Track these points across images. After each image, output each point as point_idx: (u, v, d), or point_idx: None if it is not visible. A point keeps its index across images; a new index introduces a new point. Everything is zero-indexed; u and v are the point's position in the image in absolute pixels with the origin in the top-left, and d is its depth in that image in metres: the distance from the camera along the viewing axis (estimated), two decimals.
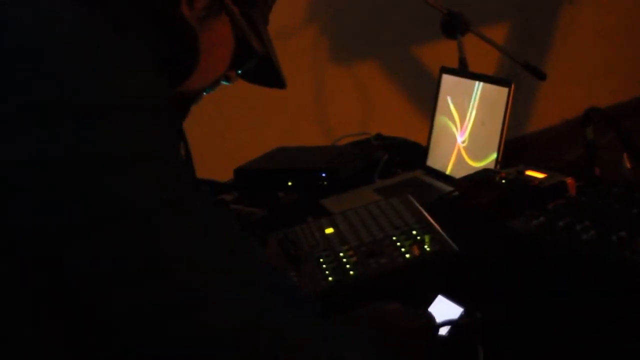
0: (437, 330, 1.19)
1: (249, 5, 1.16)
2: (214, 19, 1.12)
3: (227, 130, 3.54)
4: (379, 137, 2.59)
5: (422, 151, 2.25)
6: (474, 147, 2.01)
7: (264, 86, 1.29)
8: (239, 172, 2.35)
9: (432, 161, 2.18)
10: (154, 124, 0.93)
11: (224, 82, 1.24)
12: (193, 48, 1.08)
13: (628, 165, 1.49)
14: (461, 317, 1.20)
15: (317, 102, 3.87)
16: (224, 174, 2.39)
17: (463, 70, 2.28)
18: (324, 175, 2.21)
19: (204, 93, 1.21)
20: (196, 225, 0.96)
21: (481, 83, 2.00)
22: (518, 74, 2.61)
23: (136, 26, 1.02)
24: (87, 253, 0.90)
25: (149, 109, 0.93)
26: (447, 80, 2.17)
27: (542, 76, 2.62)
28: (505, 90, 1.89)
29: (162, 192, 0.93)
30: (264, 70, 1.25)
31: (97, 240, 0.90)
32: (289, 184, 2.22)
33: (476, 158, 1.98)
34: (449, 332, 1.19)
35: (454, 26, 2.44)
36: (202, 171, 2.19)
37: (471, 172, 1.81)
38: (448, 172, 2.09)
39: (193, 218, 0.96)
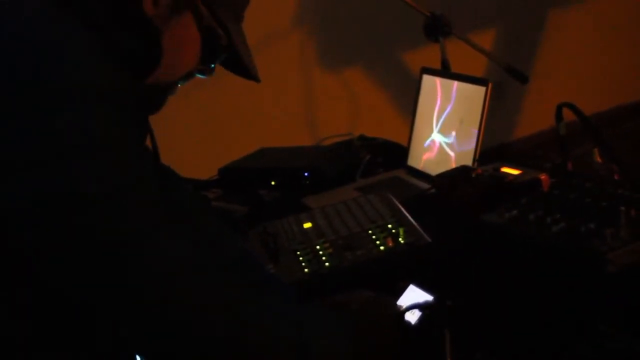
0: (404, 315, 1.21)
1: (215, 3, 1.20)
2: (179, 16, 1.16)
3: (214, 131, 3.58)
4: (362, 138, 2.62)
5: (404, 151, 2.27)
6: (453, 146, 2.04)
7: (243, 77, 1.33)
8: (223, 171, 2.37)
9: (413, 160, 2.21)
10: (101, 113, 0.98)
11: (200, 76, 1.28)
12: (154, 44, 1.13)
13: (599, 159, 1.52)
14: (428, 301, 1.23)
15: (304, 104, 3.90)
16: (210, 174, 2.42)
17: (443, 71, 2.31)
18: (306, 174, 2.23)
19: (178, 85, 1.25)
20: (150, 208, 1.01)
21: (460, 83, 2.04)
22: (506, 80, 2.62)
23: (98, 21, 1.07)
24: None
25: (98, 98, 0.99)
26: (428, 80, 2.20)
27: (524, 79, 2.64)
28: (483, 89, 1.92)
29: (108, 179, 0.98)
30: (239, 64, 1.29)
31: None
32: (272, 183, 2.25)
33: (455, 156, 2.01)
34: (418, 318, 1.22)
35: (436, 28, 2.46)
36: (188, 170, 2.22)
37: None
38: (428, 170, 2.12)
39: (145, 201, 1.01)
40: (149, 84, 1.16)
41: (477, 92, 1.94)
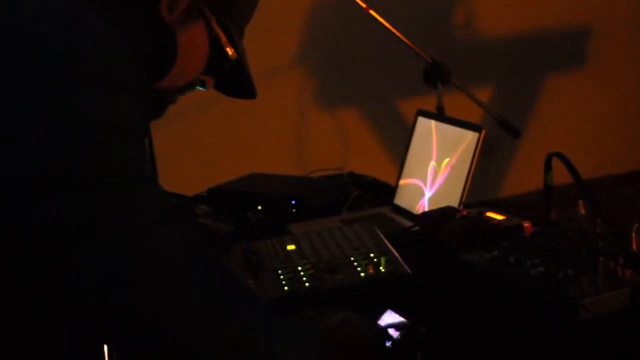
0: (383, 335, 1.23)
1: (224, 14, 1.26)
2: (191, 24, 1.22)
3: (207, 151, 3.63)
4: (351, 174, 2.65)
5: (391, 190, 2.30)
6: (441, 188, 2.07)
7: (236, 97, 1.38)
8: (211, 191, 2.39)
9: (400, 199, 2.24)
10: (123, 101, 1.03)
11: (200, 88, 1.33)
12: (170, 47, 1.18)
13: (582, 211, 1.55)
14: (403, 321, 1.25)
15: (298, 137, 3.96)
16: (198, 191, 2.44)
17: (438, 114, 2.34)
18: (293, 202, 2.25)
19: (180, 94, 1.29)
20: (146, 203, 1.04)
21: (454, 127, 2.07)
22: (499, 135, 2.65)
23: (123, 21, 1.11)
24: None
25: (122, 87, 1.03)
26: (422, 122, 2.23)
27: (516, 133, 2.68)
28: (476, 135, 1.96)
29: (120, 166, 1.02)
30: (237, 80, 1.33)
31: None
32: (259, 207, 2.26)
33: (442, 198, 2.03)
34: (392, 340, 1.24)
35: (435, 75, 2.51)
36: (179, 187, 2.24)
37: None
38: (414, 210, 2.14)
39: (144, 195, 1.04)
40: (156, 90, 1.20)
41: (469, 138, 1.97)
